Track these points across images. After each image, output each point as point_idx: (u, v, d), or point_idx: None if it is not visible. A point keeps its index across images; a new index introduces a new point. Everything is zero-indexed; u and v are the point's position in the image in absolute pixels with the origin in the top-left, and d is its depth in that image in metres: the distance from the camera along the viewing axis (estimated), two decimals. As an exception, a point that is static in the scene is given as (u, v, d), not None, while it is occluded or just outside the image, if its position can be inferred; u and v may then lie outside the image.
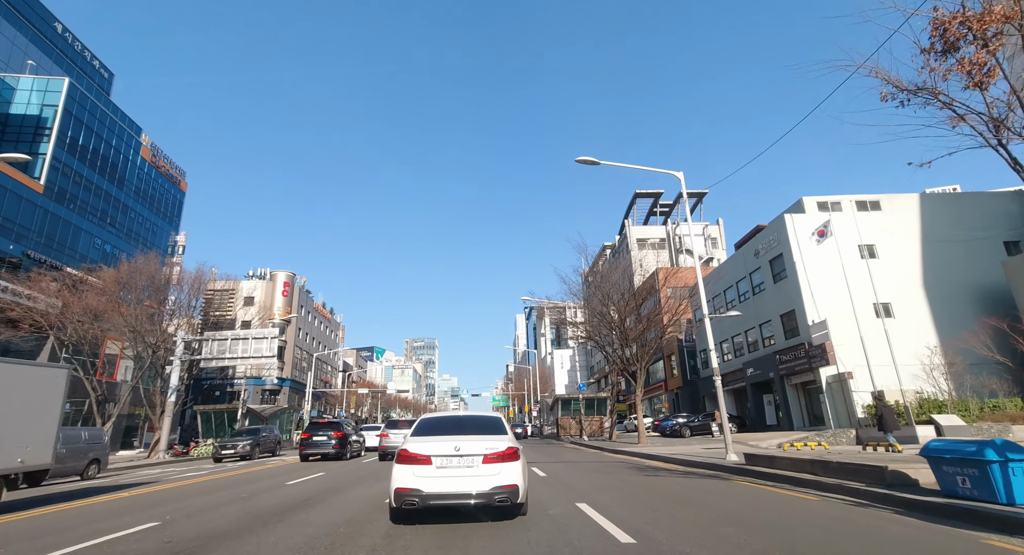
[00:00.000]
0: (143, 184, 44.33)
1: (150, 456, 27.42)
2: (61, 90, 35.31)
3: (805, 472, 9.68)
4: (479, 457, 6.01)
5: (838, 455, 12.47)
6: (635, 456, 18.43)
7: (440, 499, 5.90)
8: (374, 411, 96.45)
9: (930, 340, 23.91)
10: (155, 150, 46.14)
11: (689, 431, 30.22)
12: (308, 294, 79.01)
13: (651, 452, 18.28)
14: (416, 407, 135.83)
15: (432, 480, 5.94)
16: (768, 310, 28.71)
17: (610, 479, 11.09)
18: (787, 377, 27.02)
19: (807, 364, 24.78)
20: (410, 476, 5.99)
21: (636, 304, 26.82)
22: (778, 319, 27.81)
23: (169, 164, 48.49)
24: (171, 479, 14.59)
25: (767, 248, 28.41)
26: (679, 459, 15.05)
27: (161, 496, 10.40)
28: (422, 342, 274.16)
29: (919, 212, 26.40)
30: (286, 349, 69.07)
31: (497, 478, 5.94)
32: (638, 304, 27.22)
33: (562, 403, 42.04)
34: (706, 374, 37.35)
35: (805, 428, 25.94)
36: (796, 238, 26.13)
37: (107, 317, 24.94)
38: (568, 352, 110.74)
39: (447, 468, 5.99)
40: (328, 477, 13.23)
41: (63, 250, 34.89)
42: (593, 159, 16.54)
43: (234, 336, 29.96)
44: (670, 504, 7.62)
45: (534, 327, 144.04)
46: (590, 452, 22.25)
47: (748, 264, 30.25)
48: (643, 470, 13.18)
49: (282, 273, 70.64)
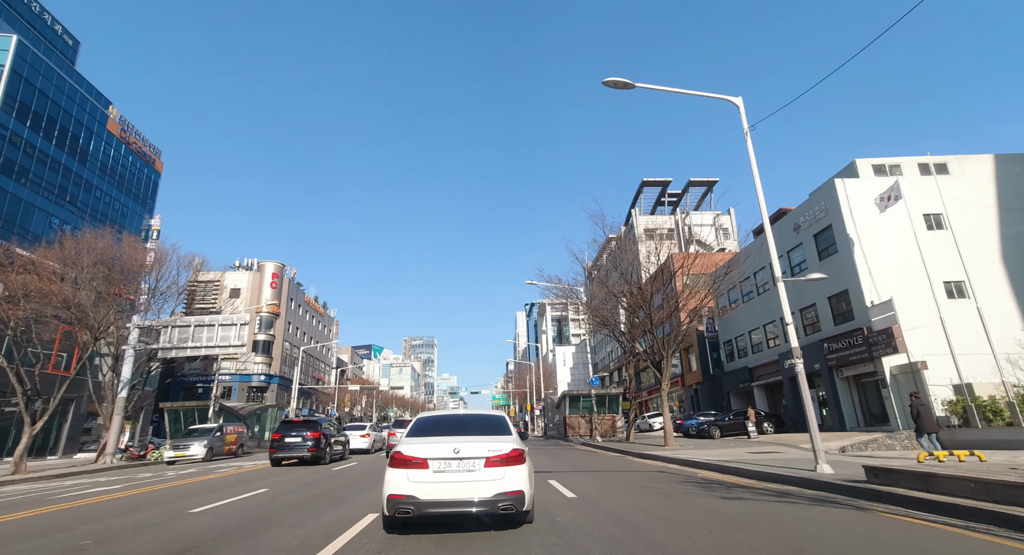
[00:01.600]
0: (111, 161, 40.47)
1: (97, 461, 23.62)
2: (8, 48, 31.44)
3: (1003, 502, 5.94)
4: (481, 460, 5.47)
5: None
6: (674, 463, 14.64)
7: (437, 507, 5.31)
8: (369, 409, 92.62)
9: (1014, 323, 20.15)
10: (125, 125, 42.25)
11: (719, 431, 26.43)
12: (299, 287, 75.16)
13: (694, 458, 14.47)
14: (414, 406, 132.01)
15: (429, 486, 5.35)
16: (811, 293, 24.92)
17: (676, 506, 7.29)
18: (837, 368, 23.23)
19: (866, 353, 20.99)
20: (404, 481, 5.38)
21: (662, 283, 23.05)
22: (825, 302, 24.02)
23: (142, 141, 44.50)
24: (51, 499, 10.74)
25: (811, 221, 24.61)
26: (745, 470, 11.27)
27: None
28: (421, 340, 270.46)
29: (994, 176, 22.64)
30: (274, 344, 65.29)
31: (501, 483, 5.39)
32: (663, 284, 23.46)
33: (570, 400, 38.26)
34: (733, 367, 33.56)
35: (861, 428, 22.17)
36: (849, 206, 22.35)
37: (36, 297, 21.11)
38: (570, 349, 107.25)
39: (445, 472, 5.43)
40: (266, 497, 9.43)
41: (11, 228, 31.05)
42: (626, 81, 12.72)
43: (198, 323, 26.15)
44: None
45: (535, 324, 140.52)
46: (611, 457, 18.47)
47: (785, 242, 26.43)
48: (709, 488, 9.39)
49: (270, 264, 66.78)
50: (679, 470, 12.94)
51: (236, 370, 62.59)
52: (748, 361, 31.47)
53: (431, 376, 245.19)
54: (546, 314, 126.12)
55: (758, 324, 30.18)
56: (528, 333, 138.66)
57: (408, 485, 5.34)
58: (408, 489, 5.32)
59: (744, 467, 11.51)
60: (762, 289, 29.64)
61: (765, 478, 10.40)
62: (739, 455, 15.45)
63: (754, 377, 30.89)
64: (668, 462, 15.10)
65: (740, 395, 34.04)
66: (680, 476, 11.56)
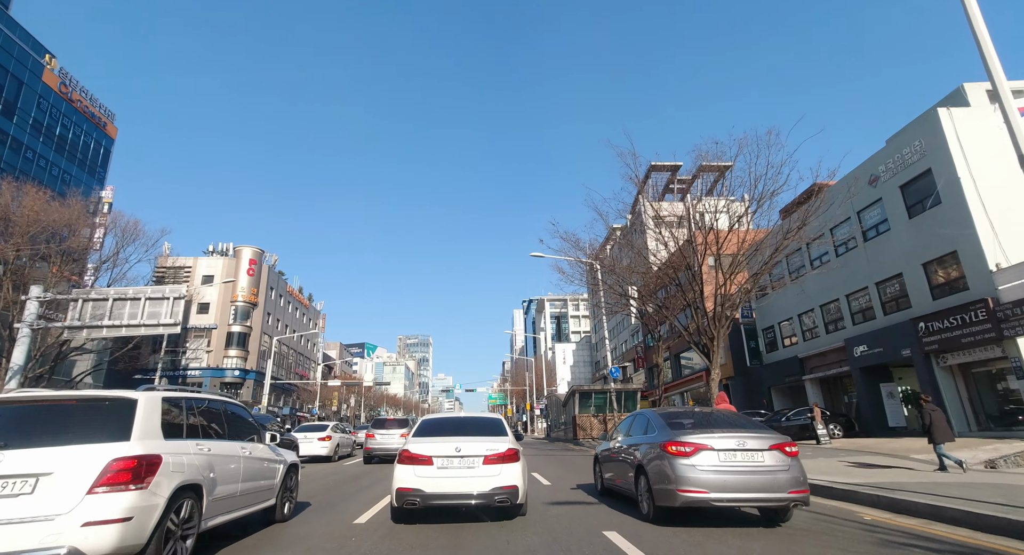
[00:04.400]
0: (48, 119, 34.81)
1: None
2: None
3: None
4: (480, 458, 6.03)
5: None
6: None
7: (441, 499, 5.92)
8: (358, 409, 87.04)
9: None
10: (67, 79, 36.61)
11: (773, 435, 21.10)
12: (281, 276, 69.48)
13: (838, 483, 9.04)
14: (408, 405, 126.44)
15: (433, 480, 5.95)
16: (895, 260, 19.73)
17: None
18: (939, 354, 18.00)
19: (991, 332, 15.76)
20: (412, 476, 5.99)
21: (713, 242, 17.82)
22: (917, 271, 18.79)
23: (89, 100, 38.76)
24: None
25: (896, 168, 19.37)
26: (951, 510, 5.96)
27: None
28: (416, 339, 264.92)
29: None
30: (251, 336, 59.64)
31: (497, 479, 5.96)
32: (715, 244, 18.23)
33: (580, 397, 32.96)
34: (776, 358, 28.31)
35: (974, 432, 16.95)
36: (959, 143, 17.12)
37: None
38: (571, 346, 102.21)
39: (448, 469, 6.01)
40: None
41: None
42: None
43: (118, 295, 20.65)
44: None
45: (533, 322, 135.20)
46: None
47: (851, 203, 21.12)
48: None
49: (247, 249, 61.14)
50: (827, 504, 7.60)
51: (208, 364, 57.05)
52: (798, 350, 26.24)
53: (426, 375, 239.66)
54: (544, 311, 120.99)
55: (813, 305, 24.92)
56: (526, 329, 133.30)
57: (415, 479, 5.95)
58: (415, 483, 5.92)
59: (949, 505, 6.20)
60: (814, 265, 24.37)
61: (997, 529, 5.13)
62: (850, 472, 10.30)
63: (806, 369, 25.67)
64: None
65: (784, 391, 28.83)
66: (830, 515, 6.26)
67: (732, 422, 6.80)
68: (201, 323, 57.27)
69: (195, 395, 5.66)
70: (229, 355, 58.19)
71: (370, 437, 17.06)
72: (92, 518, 3.71)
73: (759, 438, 6.07)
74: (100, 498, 3.80)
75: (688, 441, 6.02)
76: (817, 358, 24.68)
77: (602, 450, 9.17)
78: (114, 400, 4.50)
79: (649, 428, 7.13)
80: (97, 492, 3.81)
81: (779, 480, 5.77)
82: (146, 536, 4.00)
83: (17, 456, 3.84)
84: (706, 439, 6.01)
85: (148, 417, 4.49)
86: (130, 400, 4.49)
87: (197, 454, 4.88)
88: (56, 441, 4.05)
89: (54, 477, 3.80)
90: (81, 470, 3.85)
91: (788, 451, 6.02)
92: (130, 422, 4.29)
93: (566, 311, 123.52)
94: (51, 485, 3.77)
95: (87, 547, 3.65)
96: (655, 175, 61.91)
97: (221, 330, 57.96)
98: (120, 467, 3.94)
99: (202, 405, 5.56)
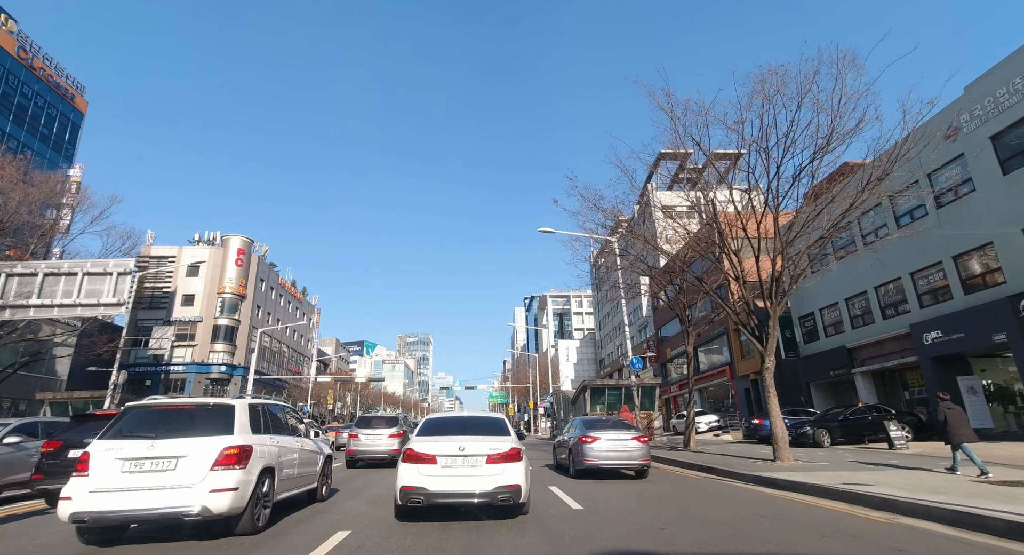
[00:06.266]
0: (5, 87, 31.46)
1: None
2: None
3: None
4: (483, 457, 6.14)
5: None
6: (904, 512, 5.98)
7: (444, 497, 6.03)
8: (353, 408, 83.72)
9: None
10: (26, 43, 33.20)
11: (828, 435, 17.78)
12: (272, 268, 66.10)
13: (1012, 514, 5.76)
14: (407, 404, 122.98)
15: (437, 479, 6.06)
16: (982, 227, 16.37)
17: None
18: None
19: None
20: (416, 474, 6.09)
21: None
22: (1017, 238, 15.42)
23: (51, 67, 35.36)
24: None
25: (988, 114, 16.00)
26: None
27: None
28: (416, 337, 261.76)
29: None
30: (238, 330, 56.24)
31: (500, 478, 6.05)
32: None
33: (592, 392, 29.56)
34: (817, 350, 24.91)
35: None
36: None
37: None
38: (574, 343, 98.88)
39: (452, 467, 6.12)
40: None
41: None
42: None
43: (50, 270, 17.34)
44: None
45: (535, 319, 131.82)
46: (729, 490, 9.81)
47: (917, 164, 17.65)
48: None
49: (236, 238, 57.75)
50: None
51: (192, 359, 53.73)
52: (845, 339, 22.90)
53: (425, 374, 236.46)
54: (547, 307, 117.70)
55: (866, 286, 21.57)
56: (527, 329, 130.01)
57: (419, 478, 6.06)
58: (419, 481, 6.04)
59: None
60: (866, 240, 21.01)
61: None
62: (1005, 495, 6.90)
63: (856, 361, 22.35)
64: (885, 509, 6.46)
65: (825, 387, 25.50)
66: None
67: (618, 425, 11.87)
68: (185, 316, 54.00)
69: (268, 401, 7.40)
70: (215, 350, 54.82)
71: (353, 438, 15.07)
72: (215, 487, 5.32)
73: (628, 433, 11.28)
74: (219, 473, 5.41)
75: (591, 435, 11.15)
76: (872, 347, 21.33)
77: (556, 441, 14.45)
78: (219, 405, 6.12)
79: (576, 429, 11.90)
80: (216, 469, 5.42)
81: (635, 454, 11.02)
82: (246, 501, 5.59)
83: (165, 443, 5.47)
84: (600, 434, 11.13)
85: (242, 417, 6.09)
86: (230, 405, 6.12)
87: (271, 445, 6.47)
88: (187, 434, 5.66)
89: (188, 458, 5.42)
90: (205, 454, 5.47)
91: (641, 440, 11.20)
92: (231, 421, 5.91)
93: (569, 308, 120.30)
94: (187, 464, 5.38)
95: (212, 506, 5.23)
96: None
97: (207, 323, 54.59)
98: (229, 452, 5.57)
99: (270, 408, 7.17)
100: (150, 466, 5.28)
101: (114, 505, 5.02)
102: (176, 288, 55.07)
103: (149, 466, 5.28)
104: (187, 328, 53.84)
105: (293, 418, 8.40)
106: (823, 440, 17.71)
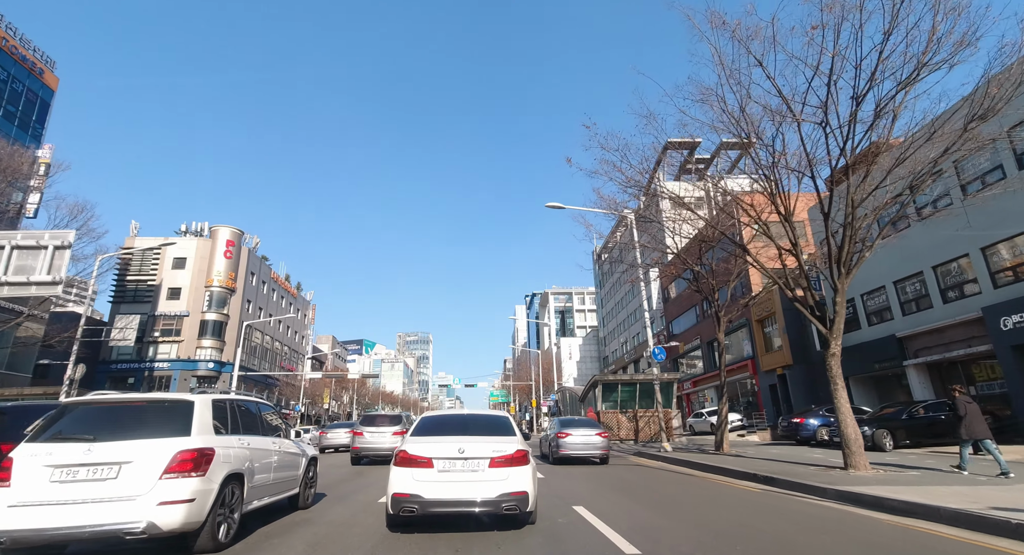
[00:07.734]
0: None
1: None
2: None
3: None
4: (485, 460, 5.47)
5: None
6: None
7: (442, 506, 5.31)
8: (349, 407, 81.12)
9: None
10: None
11: (891, 439, 15.11)
12: (264, 261, 63.40)
13: None
14: (406, 403, 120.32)
15: (433, 485, 5.35)
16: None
17: None
18: None
19: None
20: (409, 480, 5.37)
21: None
22: None
23: (19, 40, 32.72)
24: None
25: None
26: None
27: None
28: (415, 336, 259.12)
29: None
30: (227, 325, 53.57)
31: (505, 484, 5.38)
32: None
33: (603, 388, 26.96)
34: (859, 340, 22.17)
35: None
36: None
37: None
38: (577, 341, 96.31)
39: (450, 472, 5.42)
40: None
41: None
42: None
43: (-28, 241, 14.68)
44: None
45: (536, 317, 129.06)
46: (818, 512, 7.21)
47: (997, 119, 14.89)
48: None
49: (225, 229, 55.12)
50: None
51: (178, 356, 51.12)
52: (894, 327, 20.23)
53: (425, 373, 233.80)
54: (548, 305, 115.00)
55: (921, 266, 18.88)
56: (528, 327, 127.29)
57: (413, 484, 5.33)
58: (413, 488, 5.31)
59: None
60: (929, 207, 18.30)
61: None
62: None
63: (908, 352, 19.67)
64: None
65: (866, 382, 22.84)
66: None
67: (587, 423, 15.29)
68: (171, 310, 51.43)
69: (237, 397, 6.43)
70: (203, 346, 52.20)
71: (358, 435, 15.90)
72: (164, 499, 4.49)
73: (593, 430, 14.50)
74: (170, 482, 4.56)
75: (565, 431, 14.47)
76: (929, 336, 18.64)
77: (541, 437, 19.52)
78: (174, 401, 5.24)
79: (555, 426, 15.52)
80: (167, 478, 4.56)
81: (598, 446, 14.26)
82: (204, 515, 4.74)
83: (104, 447, 4.64)
84: (571, 430, 14.48)
85: (203, 416, 5.19)
86: (188, 401, 5.21)
87: (240, 448, 5.63)
88: (132, 435, 4.82)
89: (133, 465, 4.58)
90: (154, 459, 4.62)
91: (603, 435, 14.43)
92: (189, 420, 5.03)
93: (571, 305, 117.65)
94: (131, 471, 4.55)
95: (161, 522, 4.42)
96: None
97: (194, 318, 51.93)
98: (184, 458, 4.70)
99: (242, 405, 6.34)
100: (86, 474, 4.54)
101: (40, 522, 4.31)
102: (161, 281, 52.47)
103: (85, 474, 4.54)
104: (173, 323, 51.28)
105: (275, 416, 7.37)
106: (885, 443, 15.06)
